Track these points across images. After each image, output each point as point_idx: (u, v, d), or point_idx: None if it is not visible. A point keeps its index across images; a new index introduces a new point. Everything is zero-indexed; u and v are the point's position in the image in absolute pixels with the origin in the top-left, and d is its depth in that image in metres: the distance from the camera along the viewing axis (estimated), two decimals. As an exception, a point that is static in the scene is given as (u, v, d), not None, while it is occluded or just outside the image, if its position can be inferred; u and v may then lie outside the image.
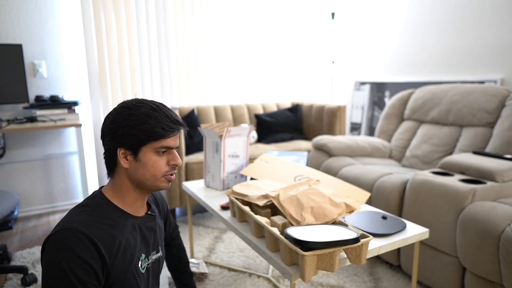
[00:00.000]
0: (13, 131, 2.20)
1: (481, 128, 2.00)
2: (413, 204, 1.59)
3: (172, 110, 0.94)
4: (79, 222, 0.80)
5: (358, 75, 3.46)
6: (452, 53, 2.60)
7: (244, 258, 1.94)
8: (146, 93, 2.84)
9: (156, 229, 1.01)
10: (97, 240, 0.79)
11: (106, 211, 0.87)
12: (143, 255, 0.93)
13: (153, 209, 1.03)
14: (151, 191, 0.94)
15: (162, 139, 0.88)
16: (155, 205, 1.09)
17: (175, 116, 0.92)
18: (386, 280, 1.70)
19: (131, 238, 0.89)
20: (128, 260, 0.86)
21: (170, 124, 0.89)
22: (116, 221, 0.87)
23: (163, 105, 0.93)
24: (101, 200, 0.89)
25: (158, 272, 1.02)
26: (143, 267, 0.92)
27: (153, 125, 0.86)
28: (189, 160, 2.38)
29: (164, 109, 0.91)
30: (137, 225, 0.93)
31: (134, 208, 0.93)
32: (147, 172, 0.89)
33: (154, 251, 0.99)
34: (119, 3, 2.66)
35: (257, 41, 3.26)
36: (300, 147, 2.81)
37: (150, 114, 0.87)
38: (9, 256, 1.96)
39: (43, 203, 2.71)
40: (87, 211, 0.85)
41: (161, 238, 1.05)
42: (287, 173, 1.60)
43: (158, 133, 0.87)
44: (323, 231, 0.97)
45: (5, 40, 2.44)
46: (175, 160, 0.92)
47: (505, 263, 1.23)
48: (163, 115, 0.89)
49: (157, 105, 0.90)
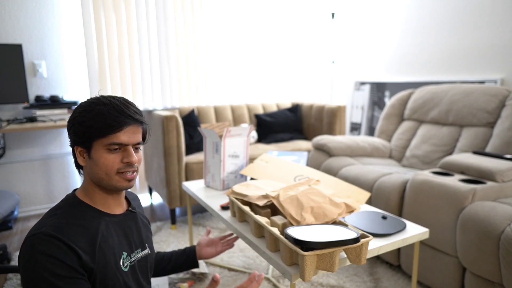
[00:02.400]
0: (13, 131, 2.20)
1: (481, 128, 2.00)
2: (413, 204, 1.59)
3: (131, 104, 0.89)
4: (48, 226, 0.79)
5: (358, 75, 3.46)
6: (452, 53, 2.60)
7: (244, 258, 1.94)
8: (146, 93, 2.84)
9: (139, 226, 0.99)
10: (68, 240, 0.77)
11: (79, 211, 0.86)
12: (124, 253, 0.90)
13: (134, 207, 1.01)
14: (112, 190, 0.89)
15: (110, 135, 0.83)
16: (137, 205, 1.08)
17: (126, 110, 0.86)
18: (386, 280, 1.70)
19: (107, 235, 0.87)
20: (107, 258, 0.84)
21: (118, 118, 0.84)
22: (89, 220, 0.86)
23: (119, 99, 0.88)
24: (73, 201, 0.88)
25: (147, 270, 1.00)
26: (126, 266, 0.90)
27: (98, 120, 0.83)
28: (189, 160, 2.38)
29: (115, 103, 0.86)
30: (115, 223, 0.91)
31: (107, 206, 0.91)
32: (99, 170, 0.85)
33: (139, 248, 0.97)
34: (119, 3, 2.66)
35: (257, 41, 3.26)
36: (300, 147, 2.81)
37: (97, 110, 0.84)
38: (9, 256, 1.96)
39: (43, 203, 2.71)
40: (58, 214, 0.84)
41: (147, 236, 1.03)
42: (287, 173, 1.60)
43: (103, 128, 0.83)
44: (323, 231, 0.97)
45: (5, 40, 2.44)
46: (128, 157, 0.86)
47: (505, 263, 1.23)
48: (112, 109, 0.84)
49: (109, 100, 0.86)
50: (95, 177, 0.87)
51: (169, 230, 2.33)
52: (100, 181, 0.87)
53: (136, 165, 0.89)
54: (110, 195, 0.91)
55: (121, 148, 0.86)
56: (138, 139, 0.89)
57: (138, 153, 0.91)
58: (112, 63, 2.70)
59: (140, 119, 0.89)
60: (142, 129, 0.92)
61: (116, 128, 0.84)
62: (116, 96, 0.90)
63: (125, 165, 0.87)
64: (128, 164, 0.87)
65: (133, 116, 0.87)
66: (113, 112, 0.84)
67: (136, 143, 0.88)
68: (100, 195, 0.90)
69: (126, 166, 0.87)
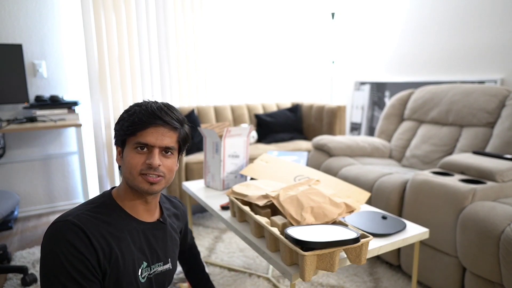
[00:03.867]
0: (13, 131, 2.20)
1: (481, 128, 2.00)
2: (413, 204, 1.59)
3: (168, 107, 0.89)
4: (75, 216, 0.80)
5: (358, 75, 3.46)
6: (452, 53, 2.60)
7: (244, 258, 1.94)
8: (146, 93, 2.84)
9: (166, 239, 0.96)
10: (89, 233, 0.78)
11: (108, 210, 0.86)
12: (144, 263, 0.88)
13: (165, 218, 0.99)
14: (139, 192, 0.88)
15: (137, 134, 0.84)
16: (175, 218, 1.07)
17: (157, 112, 0.85)
18: (386, 280, 1.70)
19: (130, 240, 0.85)
20: (124, 264, 0.82)
21: (147, 117, 0.84)
22: (116, 220, 0.85)
23: (158, 103, 0.89)
24: (107, 199, 0.88)
25: (164, 285, 0.97)
26: (144, 276, 0.88)
27: (130, 119, 0.85)
28: (189, 160, 2.38)
29: (151, 105, 0.86)
30: (141, 230, 0.89)
31: (135, 211, 0.90)
32: (126, 169, 0.86)
33: (161, 262, 0.94)
34: (119, 3, 2.66)
35: (257, 41, 3.26)
36: (300, 147, 2.81)
37: (133, 110, 0.86)
38: (9, 256, 1.96)
39: (43, 203, 2.71)
40: (89, 207, 0.85)
41: (173, 251, 1.00)
42: (287, 173, 1.60)
43: (131, 126, 0.84)
44: (323, 231, 0.97)
45: (5, 40, 2.44)
46: (149, 159, 0.84)
47: (505, 263, 1.23)
48: (145, 110, 0.85)
49: (147, 102, 0.88)
50: (124, 176, 0.88)
51: (169, 230, 2.33)
52: (127, 181, 0.87)
53: (161, 170, 0.86)
54: (139, 200, 0.90)
55: (148, 149, 0.86)
56: (167, 143, 0.87)
57: (167, 158, 0.88)
58: (112, 63, 2.70)
59: (171, 122, 0.87)
60: (177, 134, 0.89)
61: (142, 127, 0.84)
62: (159, 102, 0.90)
63: (147, 166, 0.84)
64: (149, 166, 0.84)
65: (163, 118, 0.86)
66: (145, 112, 0.85)
67: (164, 146, 0.86)
68: (130, 197, 0.89)
69: (148, 168, 0.85)
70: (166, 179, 0.89)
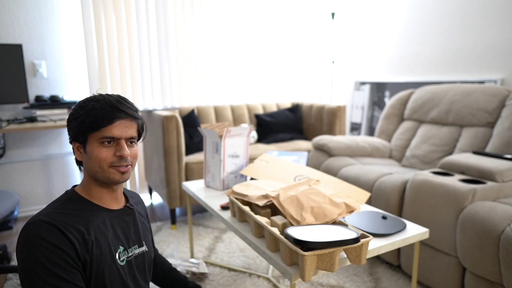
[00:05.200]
0: (13, 131, 2.20)
1: (481, 128, 2.00)
2: (413, 204, 1.59)
3: (125, 100, 0.92)
4: (45, 215, 0.82)
5: (358, 75, 3.46)
6: (452, 53, 2.60)
7: (244, 258, 1.94)
8: (146, 93, 2.84)
9: (137, 223, 1.01)
10: (62, 227, 0.80)
11: (76, 204, 0.89)
12: (121, 247, 0.92)
13: (132, 204, 1.03)
14: (108, 183, 0.91)
15: (102, 128, 0.86)
16: (140, 206, 1.10)
17: (118, 105, 0.88)
18: (386, 280, 1.70)
19: (103, 228, 0.89)
20: (102, 250, 0.86)
21: (109, 112, 0.86)
22: (84, 212, 0.88)
23: (114, 96, 0.91)
24: (71, 195, 0.91)
25: (145, 268, 1.01)
26: (122, 260, 0.92)
27: (91, 115, 0.86)
28: (189, 160, 2.38)
29: (108, 99, 0.89)
30: (112, 217, 0.93)
31: (103, 201, 0.93)
32: (94, 163, 0.88)
33: (136, 245, 0.98)
34: (119, 3, 2.66)
35: (257, 41, 3.26)
36: (300, 147, 2.81)
37: (91, 105, 0.87)
38: (9, 256, 1.96)
39: (43, 203, 2.71)
40: (56, 205, 0.87)
41: (145, 234, 1.04)
42: (287, 173, 1.60)
43: (95, 122, 0.86)
44: (323, 231, 0.97)
45: (5, 40, 2.44)
46: (120, 151, 0.88)
47: (505, 263, 1.23)
48: (105, 104, 0.87)
49: (103, 97, 0.89)
50: (91, 171, 0.89)
51: (169, 230, 2.33)
52: (95, 175, 0.89)
53: (129, 159, 0.91)
54: (106, 189, 0.93)
55: (114, 142, 0.89)
56: (131, 134, 0.91)
57: (132, 147, 0.93)
58: (112, 63, 2.70)
59: (133, 114, 0.91)
60: (137, 124, 0.94)
61: (107, 122, 0.86)
62: (112, 94, 0.92)
63: (118, 158, 0.89)
64: (120, 158, 0.89)
65: (125, 111, 0.89)
66: (105, 107, 0.87)
67: (129, 137, 0.91)
68: (96, 189, 0.92)
69: (119, 160, 0.89)
70: (132, 166, 0.94)
